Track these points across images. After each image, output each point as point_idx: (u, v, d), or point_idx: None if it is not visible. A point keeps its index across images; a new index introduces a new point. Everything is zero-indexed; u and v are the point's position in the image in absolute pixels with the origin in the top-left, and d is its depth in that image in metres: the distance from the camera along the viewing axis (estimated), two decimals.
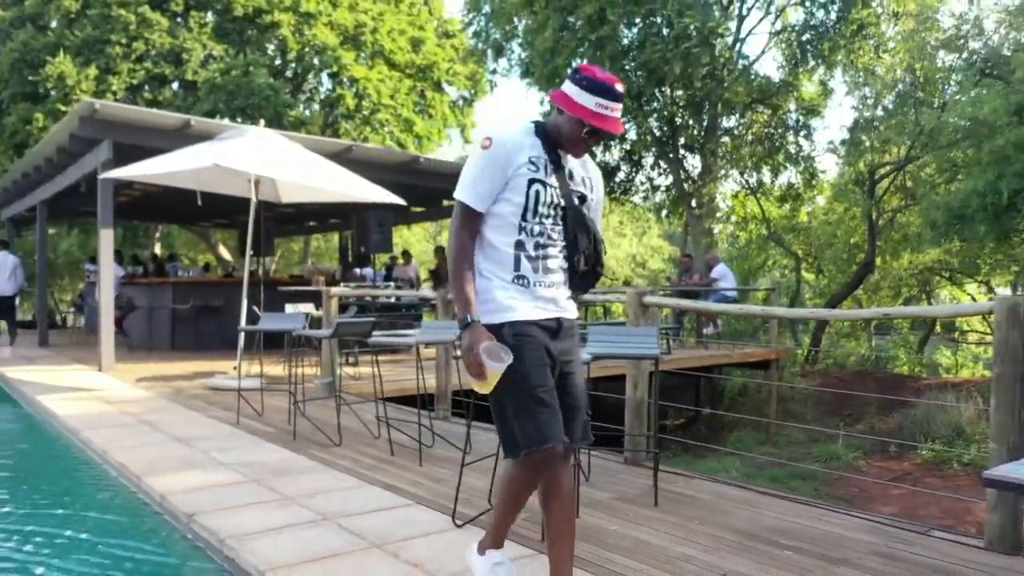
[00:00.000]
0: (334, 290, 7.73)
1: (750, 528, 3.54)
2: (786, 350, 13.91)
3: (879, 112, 15.72)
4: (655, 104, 16.01)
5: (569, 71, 2.28)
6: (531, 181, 2.44)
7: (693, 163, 17.46)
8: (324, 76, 22.62)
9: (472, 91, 25.97)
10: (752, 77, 15.73)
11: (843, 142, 16.47)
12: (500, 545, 2.70)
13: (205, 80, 19.13)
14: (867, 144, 15.66)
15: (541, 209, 2.45)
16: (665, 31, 13.91)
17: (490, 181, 2.43)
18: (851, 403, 12.43)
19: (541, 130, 2.51)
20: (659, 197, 18.71)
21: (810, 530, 3.53)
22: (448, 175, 12.38)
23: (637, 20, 14.19)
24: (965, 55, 13.35)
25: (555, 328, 2.52)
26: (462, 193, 2.45)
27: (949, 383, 12.82)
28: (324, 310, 7.76)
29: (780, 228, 18.48)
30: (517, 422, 2.40)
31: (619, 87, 2.40)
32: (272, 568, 3.03)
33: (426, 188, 12.38)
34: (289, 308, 9.52)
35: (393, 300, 11.91)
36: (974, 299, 19.06)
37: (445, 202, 14.52)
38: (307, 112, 22.74)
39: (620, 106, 2.41)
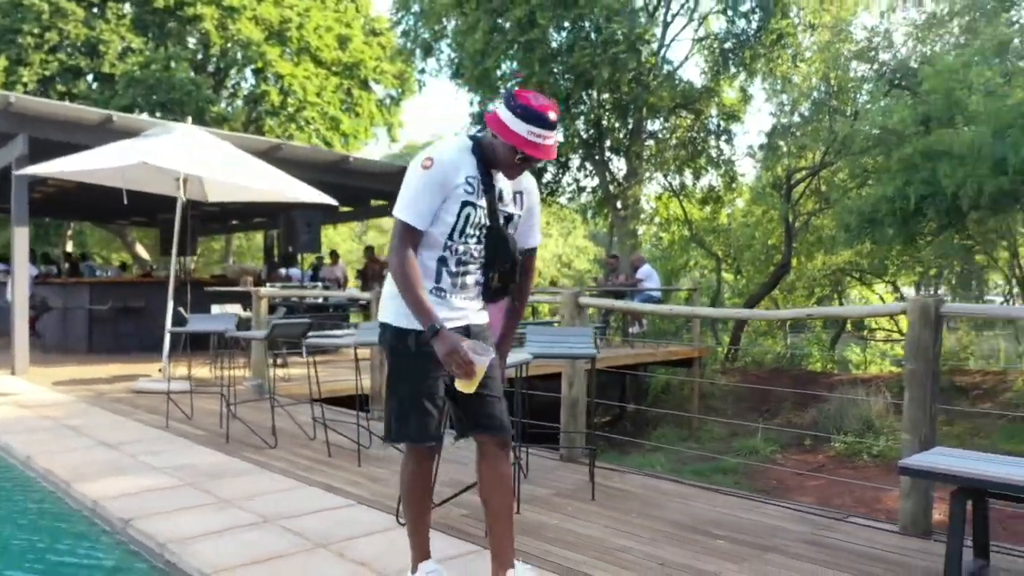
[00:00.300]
0: (263, 291, 7.63)
1: (684, 519, 3.70)
2: (708, 348, 14.33)
3: (796, 119, 16.34)
4: (582, 107, 16.27)
5: (504, 93, 2.34)
6: (464, 203, 2.53)
7: (619, 165, 17.83)
8: (248, 72, 22.17)
9: (399, 90, 25.86)
10: (676, 83, 16.15)
11: (761, 147, 17.06)
12: (427, 555, 2.79)
13: (123, 73, 18.54)
14: (784, 149, 16.26)
15: (468, 230, 2.56)
16: (593, 36, 14.16)
17: (430, 201, 2.49)
18: (769, 399, 12.90)
19: (477, 148, 2.56)
20: (585, 198, 19.01)
21: (741, 520, 3.70)
22: (377, 175, 12.34)
23: (566, 24, 14.40)
24: (876, 66, 14.01)
25: (464, 334, 2.62)
26: (403, 212, 2.50)
27: (859, 379, 13.43)
28: (254, 311, 7.66)
29: (701, 230, 19.01)
30: (400, 418, 2.62)
31: (553, 115, 2.44)
32: (216, 571, 3.02)
33: (354, 188, 12.29)
34: (215, 309, 9.32)
35: (321, 300, 11.80)
36: (882, 299, 19.97)
37: (373, 202, 14.43)
38: (230, 108, 22.22)
39: (554, 134, 2.46)
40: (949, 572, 2.84)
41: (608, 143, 17.06)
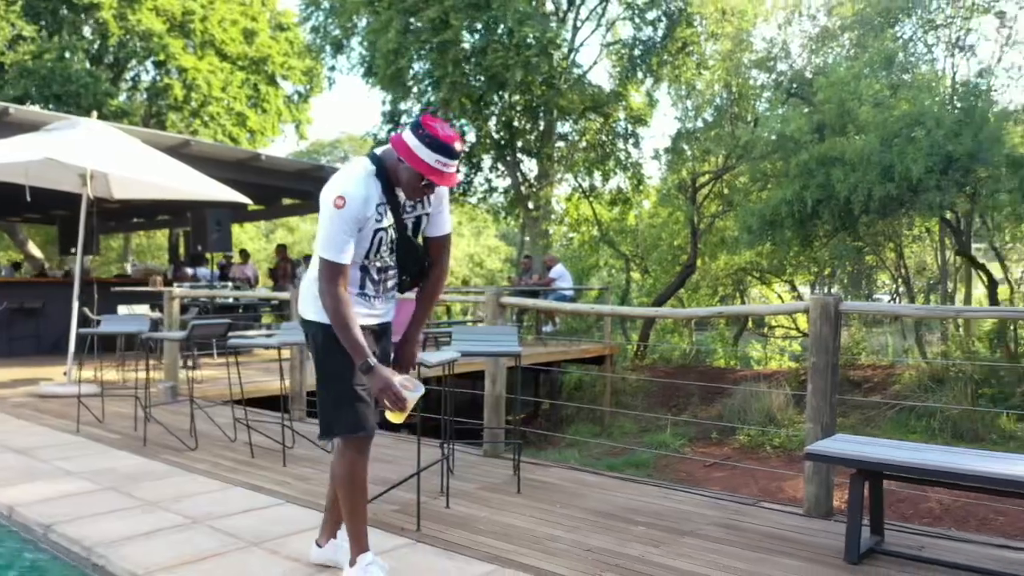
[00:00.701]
0: (176, 290, 7.46)
1: (606, 508, 3.88)
2: (618, 346, 14.73)
3: (699, 124, 16.94)
4: (494, 108, 16.44)
5: (412, 120, 2.51)
6: (376, 231, 2.72)
7: (530, 166, 18.09)
8: (149, 64, 21.41)
9: (308, 86, 25.45)
10: (586, 86, 16.51)
11: (667, 150, 17.61)
12: (366, 547, 2.84)
13: (13, 63, 17.62)
14: (689, 153, 16.84)
15: (382, 249, 2.77)
16: (506, 39, 14.33)
17: (347, 236, 2.63)
18: (677, 395, 13.37)
19: (382, 171, 2.69)
20: (497, 198, 19.20)
21: (658, 507, 3.91)
22: (290, 174, 12.19)
23: (479, 26, 14.52)
24: (774, 75, 14.68)
25: (379, 331, 2.92)
26: (326, 251, 2.62)
27: (761, 374, 14.05)
28: (166, 312, 7.48)
29: (611, 230, 19.47)
30: (336, 411, 2.75)
31: (458, 146, 2.59)
32: (149, 571, 3.01)
33: (266, 186, 12.11)
34: (122, 309, 9.05)
35: (231, 300, 11.58)
36: (781, 298, 20.87)
37: (286, 200, 14.23)
38: (130, 102, 21.41)
39: (456, 163, 2.62)
40: (849, 546, 3.11)
41: (519, 144, 17.29)
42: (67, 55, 17.91)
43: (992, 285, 12.14)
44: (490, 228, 31.00)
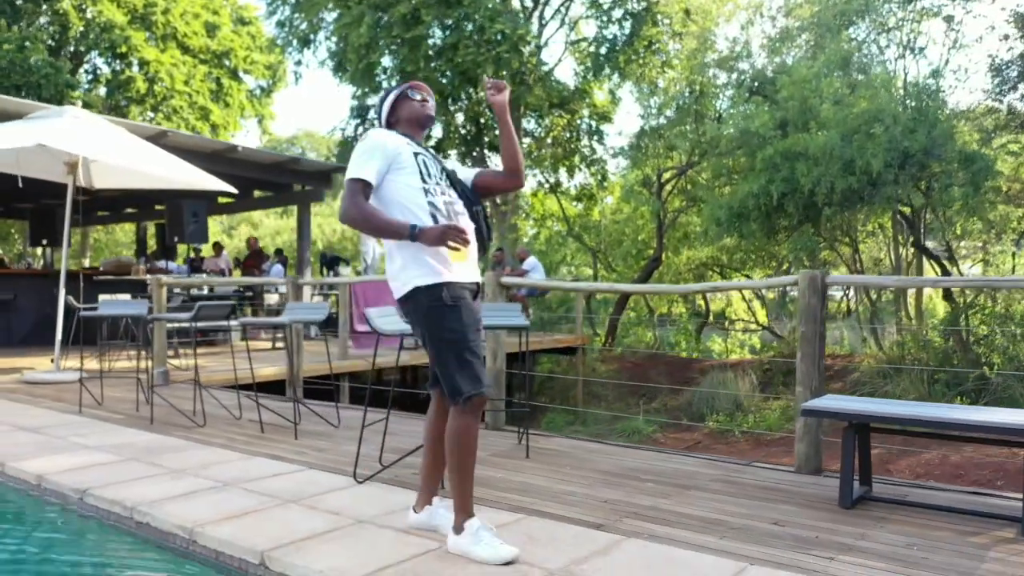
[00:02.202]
0: (165, 279, 7.55)
1: (614, 469, 4.15)
2: (588, 337, 15.05)
3: (663, 121, 17.36)
4: (461, 104, 16.66)
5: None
6: (415, 153, 2.90)
7: (497, 162, 18.31)
8: (110, 56, 21.15)
9: (271, 80, 25.35)
10: (553, 83, 16.81)
11: (631, 147, 18.01)
12: (471, 513, 2.80)
13: None
14: (653, 150, 17.24)
15: (432, 172, 2.91)
16: (476, 36, 14.56)
17: (376, 161, 2.82)
18: (647, 384, 13.74)
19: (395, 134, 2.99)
20: None
21: (663, 468, 4.20)
22: (265, 166, 12.24)
23: (450, 22, 14.72)
24: (736, 74, 15.15)
25: (476, 291, 2.95)
26: (353, 172, 2.80)
27: (727, 364, 14.51)
28: (155, 299, 7.56)
29: (577, 226, 19.82)
30: (459, 373, 2.75)
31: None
32: (197, 524, 3.19)
33: (240, 178, 12.12)
34: (104, 299, 9.06)
35: (207, 291, 11.61)
36: (741, 292, 21.45)
37: (257, 192, 14.25)
38: (93, 94, 21.13)
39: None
40: (843, 492, 3.42)
41: (487, 140, 17.52)
42: (27, 45, 17.61)
43: (945, 274, 12.71)
44: None
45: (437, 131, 17.55)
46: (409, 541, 2.98)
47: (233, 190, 8.57)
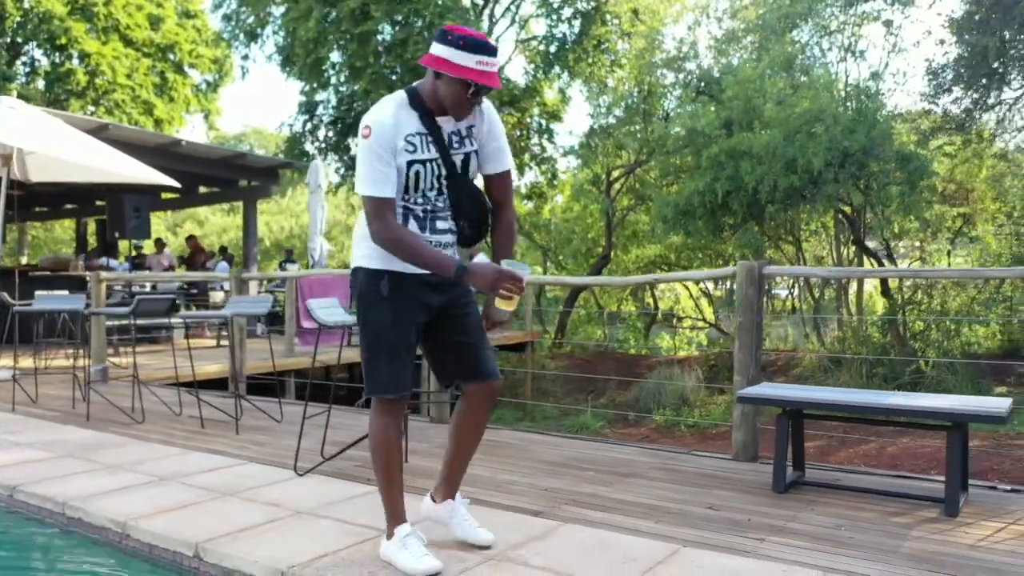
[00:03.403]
0: (105, 274, 7.38)
1: (556, 459, 4.19)
2: (538, 333, 15.12)
3: (612, 120, 17.52)
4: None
5: (436, 32, 2.40)
6: (409, 163, 2.47)
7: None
8: (49, 48, 20.56)
9: (217, 75, 24.91)
10: (502, 81, 16.83)
11: (581, 146, 18.13)
12: (402, 519, 2.64)
13: None
14: (603, 148, 17.40)
15: (422, 185, 2.52)
16: (426, 33, 14.50)
17: (383, 166, 2.43)
18: (595, 380, 13.86)
19: (416, 99, 2.49)
20: None
21: (602, 457, 4.25)
22: (210, 161, 12.04)
23: (399, 18, 14.64)
24: (683, 74, 15.36)
25: (437, 282, 2.57)
26: (367, 188, 2.44)
27: (674, 360, 14.72)
28: (94, 295, 7.38)
29: (528, 224, 19.88)
30: (368, 368, 2.56)
31: (492, 42, 2.41)
32: (132, 518, 3.13)
33: (184, 173, 11.88)
34: (41, 295, 8.82)
35: (149, 288, 11.37)
36: (689, 290, 21.76)
37: (202, 188, 14.00)
38: (28, 87, 20.52)
39: (497, 60, 2.42)
40: (776, 477, 3.51)
41: None
42: None
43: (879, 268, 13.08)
44: None
45: None
46: (349, 531, 2.97)
47: (176, 184, 8.41)
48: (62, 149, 7.24)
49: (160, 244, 13.44)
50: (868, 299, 17.18)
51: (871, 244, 15.03)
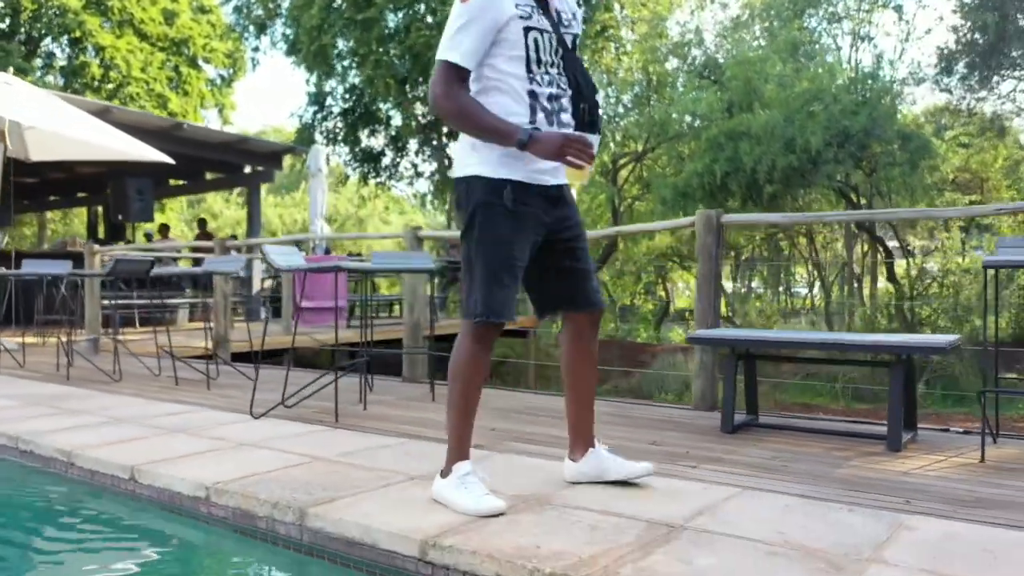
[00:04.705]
0: (98, 247, 7.48)
1: (510, 407, 4.20)
2: (536, 319, 15.10)
3: (620, 109, 17.48)
4: (420, 90, 16.63)
5: None
6: (527, 30, 2.24)
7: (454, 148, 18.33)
8: (65, 41, 20.88)
9: (231, 69, 25.13)
10: None
11: None
12: (465, 456, 2.38)
13: None
14: (610, 137, 17.35)
15: (544, 58, 2.27)
16: (429, 19, 14.56)
17: (474, 36, 2.21)
18: (598, 366, 13.83)
19: None
20: (423, 183, 19.39)
21: (558, 406, 4.21)
22: (213, 145, 12.14)
23: (403, 5, 14.70)
24: (689, 60, 15.29)
25: (556, 196, 2.37)
26: (445, 52, 2.23)
27: (679, 348, 14.64)
28: (86, 267, 7.48)
29: None
30: (484, 290, 2.29)
31: None
32: (79, 448, 3.18)
33: (189, 158, 11.99)
34: (28, 262, 8.94)
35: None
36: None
37: (209, 175, 14.14)
38: (46, 80, 20.84)
39: None
40: (724, 418, 3.50)
41: (445, 128, 17.51)
42: None
43: (888, 256, 12.95)
44: (417, 213, 31.12)
45: (395, 119, 17.53)
46: (286, 458, 3.00)
47: (171, 161, 8.46)
48: (58, 124, 7.34)
49: (165, 229, 13.58)
50: (883, 293, 17.00)
51: (890, 241, 14.87)
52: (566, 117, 2.30)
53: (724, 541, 2.04)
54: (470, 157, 2.31)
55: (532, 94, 2.26)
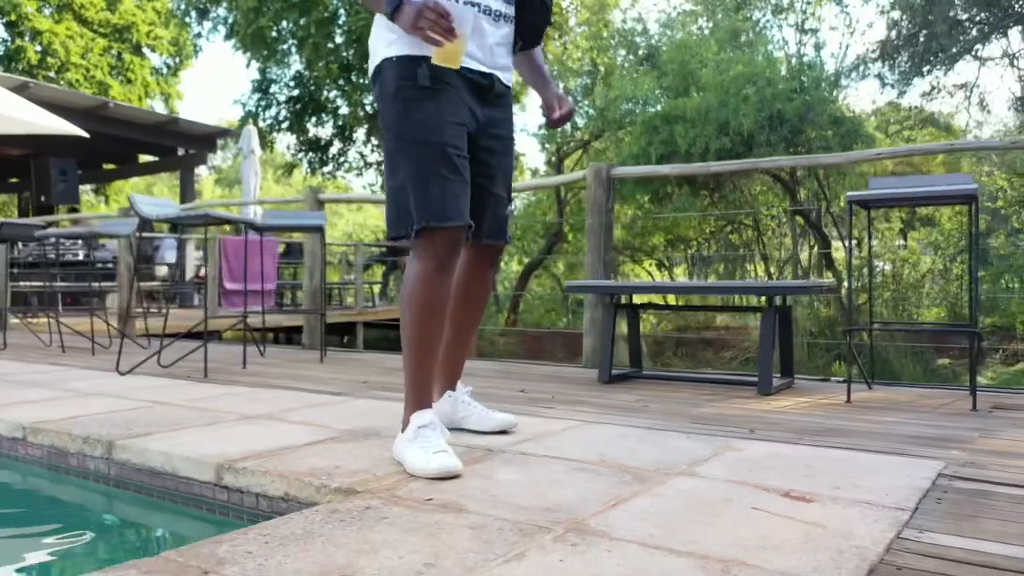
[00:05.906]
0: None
1: (395, 367, 4.08)
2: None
3: (569, 99, 17.44)
4: (365, 79, 16.42)
5: None
6: None
7: None
8: (0, 25, 20.29)
9: (177, 58, 24.64)
10: None
11: (540, 126, 18.08)
12: (423, 404, 1.96)
13: None
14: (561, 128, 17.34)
15: None
16: None
17: None
18: (542, 354, 13.78)
19: None
20: (372, 174, 19.16)
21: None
22: (145, 127, 11.84)
23: None
24: (633, 49, 15.31)
25: (488, 87, 1.99)
26: None
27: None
28: None
29: None
30: (415, 191, 1.87)
31: None
32: None
33: (118, 139, 11.69)
34: None
35: (82, 257, 11.17)
36: (651, 275, 21.72)
37: (143, 158, 13.80)
38: None
39: None
40: (602, 368, 3.42)
41: None
42: None
43: (823, 243, 13.08)
44: (370, 207, 30.80)
45: (342, 109, 17.29)
46: (129, 404, 2.85)
47: (84, 134, 8.20)
48: None
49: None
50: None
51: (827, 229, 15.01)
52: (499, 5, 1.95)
53: (537, 460, 1.95)
54: (377, 41, 1.96)
55: None
